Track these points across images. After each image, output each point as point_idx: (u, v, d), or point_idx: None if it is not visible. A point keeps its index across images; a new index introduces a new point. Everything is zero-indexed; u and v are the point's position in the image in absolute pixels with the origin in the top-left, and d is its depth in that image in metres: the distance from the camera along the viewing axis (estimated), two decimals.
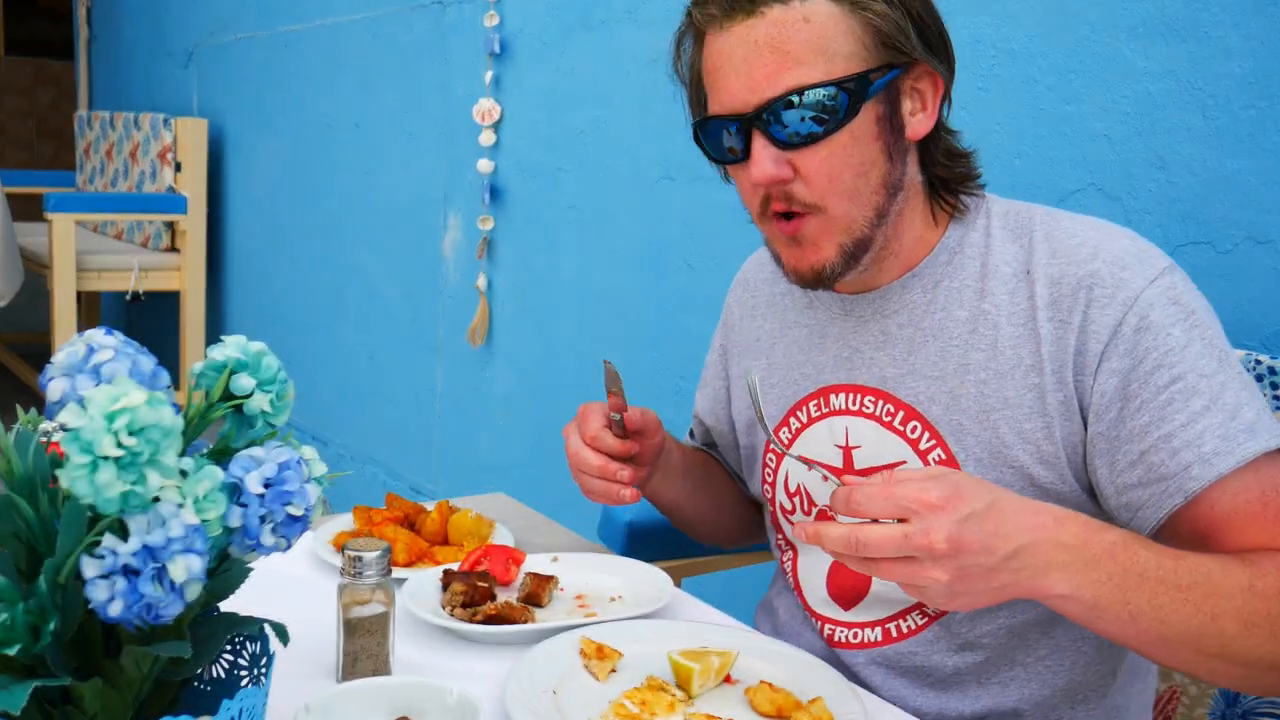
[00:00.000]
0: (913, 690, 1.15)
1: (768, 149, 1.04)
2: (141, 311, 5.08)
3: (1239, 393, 1.01)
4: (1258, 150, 1.38)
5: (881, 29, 1.02)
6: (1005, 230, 1.12)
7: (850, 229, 1.07)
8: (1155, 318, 1.01)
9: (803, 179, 1.05)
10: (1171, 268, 1.05)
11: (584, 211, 2.56)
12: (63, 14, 7.11)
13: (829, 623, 1.20)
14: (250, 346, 0.76)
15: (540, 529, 1.46)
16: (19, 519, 0.68)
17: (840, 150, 1.04)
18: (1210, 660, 0.93)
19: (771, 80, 1.02)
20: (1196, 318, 1.02)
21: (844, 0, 1.02)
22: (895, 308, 1.14)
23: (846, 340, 1.18)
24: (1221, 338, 1.04)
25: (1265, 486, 0.99)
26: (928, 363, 1.12)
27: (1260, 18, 1.38)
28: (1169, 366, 1.00)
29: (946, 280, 1.12)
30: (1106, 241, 1.06)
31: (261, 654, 0.79)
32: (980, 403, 1.08)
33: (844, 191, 1.05)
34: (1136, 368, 1.01)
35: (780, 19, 1.01)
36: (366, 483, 3.48)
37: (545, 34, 2.62)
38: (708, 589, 1.67)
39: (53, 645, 0.66)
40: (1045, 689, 1.13)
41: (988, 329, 1.09)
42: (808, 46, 1.01)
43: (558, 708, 0.96)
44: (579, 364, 2.62)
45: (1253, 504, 0.99)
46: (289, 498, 0.70)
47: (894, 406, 1.13)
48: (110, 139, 4.74)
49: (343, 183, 3.53)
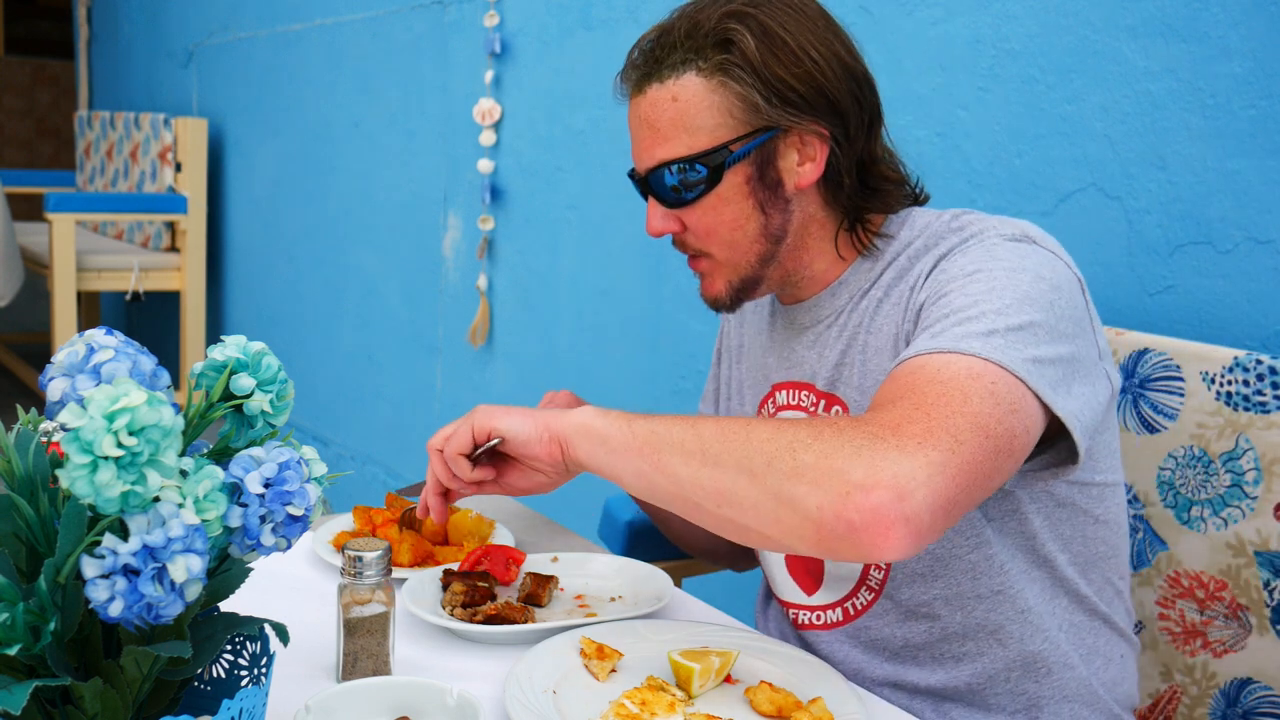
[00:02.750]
0: (873, 662, 1.22)
1: (656, 207, 1.19)
2: (141, 311, 5.08)
3: (986, 311, 1.01)
4: (1258, 150, 1.38)
5: (741, 101, 1.12)
6: (922, 235, 1.19)
7: (736, 269, 1.20)
8: (959, 259, 1.10)
9: (690, 231, 1.19)
10: (1023, 237, 1.10)
11: (584, 211, 2.56)
12: (63, 14, 7.12)
13: (794, 608, 1.28)
14: (250, 346, 0.76)
15: (540, 529, 1.46)
16: (19, 519, 0.68)
17: (711, 211, 1.17)
18: (696, 466, 0.95)
19: (649, 152, 1.17)
20: (1001, 263, 1.06)
21: (711, 76, 1.13)
22: (826, 313, 1.24)
23: (788, 344, 1.28)
24: (1026, 283, 1.03)
25: (934, 363, 0.97)
26: (838, 353, 1.22)
27: (1260, 18, 1.38)
28: (947, 294, 1.06)
29: (873, 289, 1.21)
30: (988, 218, 1.15)
31: (261, 654, 0.79)
32: (871, 378, 1.17)
33: (723, 243, 1.18)
34: (927, 300, 1.09)
35: (655, 98, 1.15)
36: (366, 483, 3.48)
37: (545, 34, 2.62)
38: (708, 589, 1.67)
39: (53, 645, 0.66)
40: (996, 663, 1.17)
41: (881, 315, 1.18)
42: (673, 124, 1.14)
43: (558, 708, 0.96)
44: (579, 364, 2.62)
45: (905, 371, 0.99)
46: (289, 498, 0.70)
47: (816, 396, 1.24)
48: (110, 139, 4.74)
49: (342, 182, 3.53)
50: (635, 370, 2.44)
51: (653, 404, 2.38)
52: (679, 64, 1.14)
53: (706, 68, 1.12)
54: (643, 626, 1.11)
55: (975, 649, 1.18)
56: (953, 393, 0.94)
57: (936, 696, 1.20)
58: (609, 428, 1.02)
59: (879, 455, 0.88)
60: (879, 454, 0.88)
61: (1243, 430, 1.26)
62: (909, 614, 1.19)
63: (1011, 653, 1.17)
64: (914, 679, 1.20)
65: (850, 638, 1.23)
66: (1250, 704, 1.26)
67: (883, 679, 1.21)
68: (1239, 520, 1.26)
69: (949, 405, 0.93)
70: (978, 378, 0.96)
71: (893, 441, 0.89)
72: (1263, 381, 1.24)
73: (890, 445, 0.89)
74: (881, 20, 1.84)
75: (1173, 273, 1.47)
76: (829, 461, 0.89)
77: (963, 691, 1.19)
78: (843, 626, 1.23)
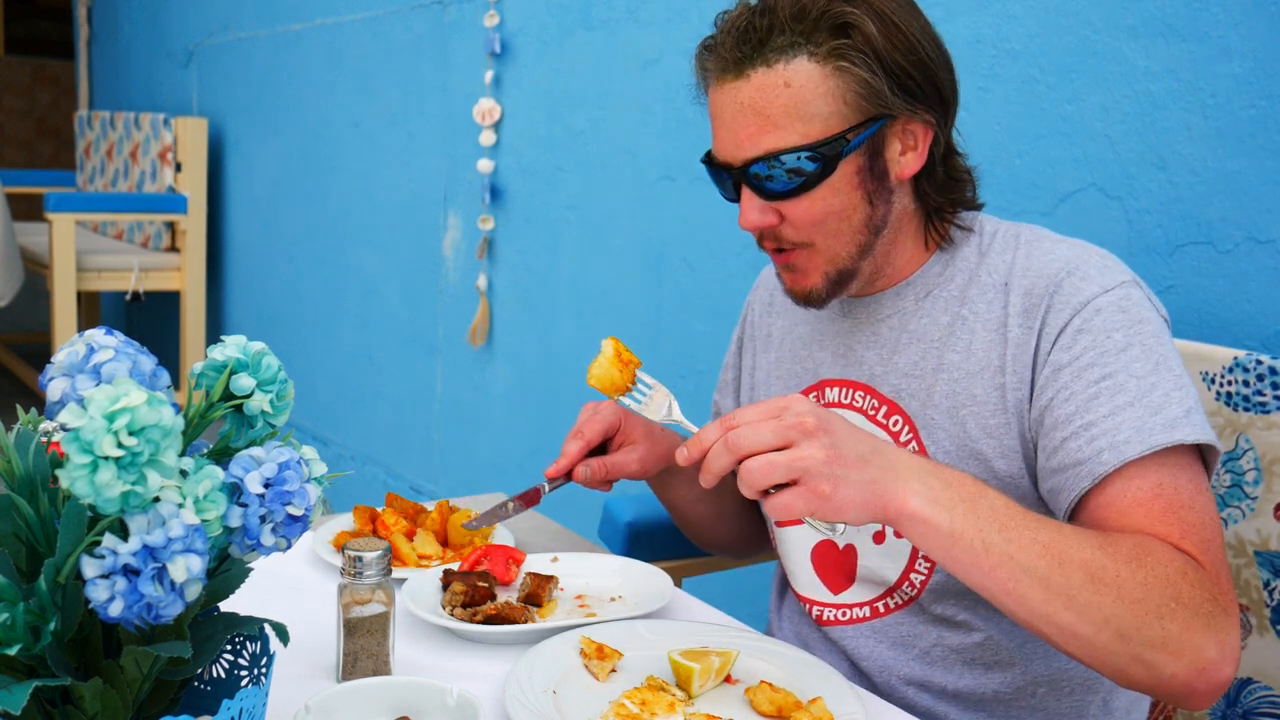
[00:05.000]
0: (900, 659, 1.20)
1: (753, 200, 1.13)
2: (141, 311, 5.08)
3: (1169, 393, 1.05)
4: (1258, 150, 1.38)
5: (861, 88, 1.08)
6: (993, 247, 1.19)
7: (835, 261, 1.15)
8: (1099, 322, 1.08)
9: (789, 223, 1.14)
10: (1132, 283, 1.12)
11: (584, 211, 2.56)
12: (63, 14, 7.12)
13: (816, 604, 1.26)
14: (250, 346, 0.76)
15: (540, 529, 1.46)
16: (19, 519, 0.68)
17: (820, 201, 1.11)
18: (1059, 608, 0.94)
19: (753, 141, 1.10)
20: (1143, 326, 1.08)
21: (825, 62, 1.08)
22: (888, 312, 1.22)
23: (843, 339, 1.25)
24: (1168, 347, 1.08)
25: (1164, 478, 1.02)
26: (909, 362, 1.19)
27: (1260, 18, 1.38)
28: (1102, 365, 1.06)
29: (936, 290, 1.20)
30: (1077, 257, 1.13)
31: (261, 654, 0.79)
32: (951, 399, 1.15)
33: (827, 233, 1.14)
34: (1073, 363, 1.08)
35: (762, 83, 1.09)
36: (366, 483, 3.48)
37: (545, 34, 2.62)
38: (708, 589, 1.67)
39: (53, 645, 0.66)
40: (1027, 676, 1.17)
41: (964, 333, 1.16)
42: (786, 111, 1.08)
43: (558, 708, 0.96)
44: (579, 364, 2.62)
45: (1145, 491, 1.02)
46: (289, 498, 0.70)
47: (878, 401, 1.21)
48: (110, 139, 4.74)
49: (342, 182, 3.53)
50: None
51: None
52: (787, 47, 1.07)
53: (819, 53, 1.07)
54: (643, 626, 1.11)
55: (1008, 659, 1.17)
56: (1208, 521, 1.02)
57: (962, 702, 1.18)
58: (954, 524, 0.94)
59: (1222, 630, 0.95)
60: (1222, 628, 0.96)
61: (1243, 430, 1.26)
62: (940, 620, 1.18)
63: (1041, 668, 1.16)
64: (941, 681, 1.18)
65: (876, 633, 1.21)
66: (1250, 704, 1.26)
67: (909, 677, 1.19)
68: (1239, 520, 1.26)
69: (1217, 539, 1.02)
70: (1201, 490, 1.03)
71: (1223, 604, 0.97)
72: (1263, 382, 1.24)
73: (1225, 613, 0.97)
74: None
75: (1173, 273, 1.47)
76: (1190, 635, 0.94)
77: (988, 700, 1.17)
78: (869, 622, 1.22)
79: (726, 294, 2.18)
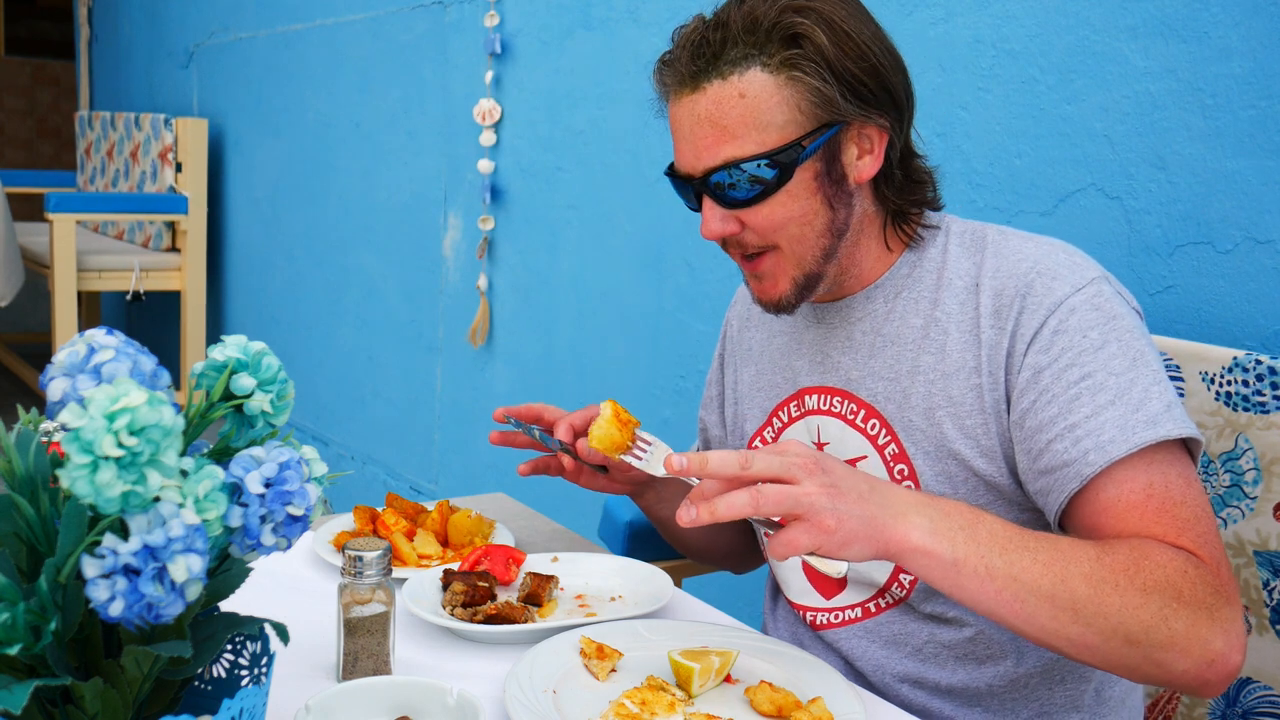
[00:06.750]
0: (893, 658, 1.21)
1: (714, 209, 1.15)
2: (142, 311, 5.08)
3: (1149, 389, 1.06)
4: (1258, 150, 1.38)
5: (814, 96, 1.10)
6: (961, 247, 1.20)
7: (801, 265, 1.17)
8: (1074, 322, 1.10)
9: (751, 230, 1.16)
10: (1103, 278, 1.13)
11: (584, 211, 2.56)
12: (63, 14, 7.12)
13: (809, 610, 1.27)
14: (250, 346, 0.76)
15: (540, 529, 1.46)
16: (19, 519, 0.68)
17: (780, 207, 1.13)
18: (1066, 622, 0.95)
19: (711, 152, 1.13)
20: (1117, 322, 1.09)
21: (778, 72, 1.10)
22: (859, 315, 1.23)
23: (819, 345, 1.26)
24: (1143, 341, 1.10)
25: (1153, 477, 1.04)
26: (885, 365, 1.21)
27: (1260, 18, 1.38)
28: (1080, 365, 1.08)
29: (906, 291, 1.21)
30: (1045, 256, 1.15)
31: (261, 654, 0.79)
32: (928, 401, 1.17)
33: (790, 238, 1.16)
34: (1052, 365, 1.09)
35: (718, 95, 1.11)
36: (366, 483, 3.48)
37: (545, 34, 2.62)
38: (708, 589, 1.67)
39: (53, 645, 0.66)
40: (1019, 668, 1.18)
41: (938, 335, 1.18)
42: (742, 121, 1.11)
43: (558, 708, 0.96)
44: (579, 364, 2.62)
45: (1136, 494, 1.03)
46: (289, 498, 0.71)
47: (856, 405, 1.22)
48: (111, 139, 4.74)
49: (342, 182, 3.53)
50: (635, 370, 2.44)
51: (653, 403, 2.38)
52: (741, 59, 1.10)
53: (772, 63, 1.10)
54: (643, 626, 1.11)
55: (1000, 652, 1.18)
56: (1201, 514, 1.04)
57: (956, 697, 1.19)
58: (955, 553, 0.95)
59: (1226, 620, 0.98)
60: (1226, 619, 0.98)
61: (1242, 430, 1.26)
62: (931, 618, 1.20)
63: (1033, 660, 1.18)
64: (935, 677, 1.20)
65: (869, 633, 1.23)
66: (1250, 703, 1.26)
67: (902, 675, 1.21)
68: (1238, 520, 1.26)
69: (1212, 530, 1.04)
70: (1191, 483, 1.05)
71: (1225, 594, 0.99)
72: (1262, 382, 1.24)
73: (1228, 602, 0.99)
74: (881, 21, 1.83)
75: (1172, 273, 1.47)
76: (1196, 630, 0.96)
77: (982, 694, 1.19)
78: (861, 623, 1.23)
79: (726, 294, 2.18)
